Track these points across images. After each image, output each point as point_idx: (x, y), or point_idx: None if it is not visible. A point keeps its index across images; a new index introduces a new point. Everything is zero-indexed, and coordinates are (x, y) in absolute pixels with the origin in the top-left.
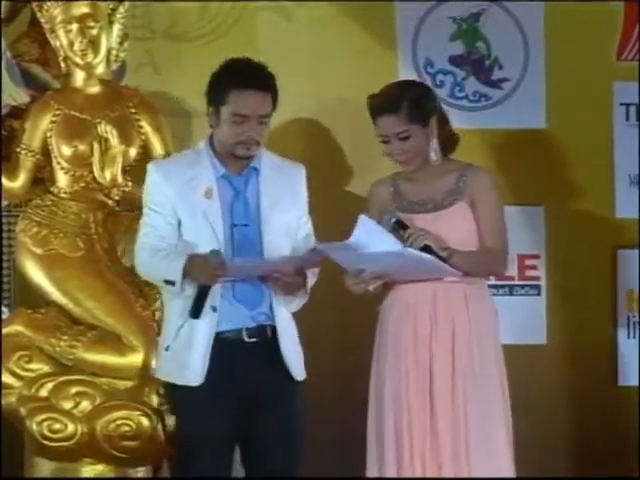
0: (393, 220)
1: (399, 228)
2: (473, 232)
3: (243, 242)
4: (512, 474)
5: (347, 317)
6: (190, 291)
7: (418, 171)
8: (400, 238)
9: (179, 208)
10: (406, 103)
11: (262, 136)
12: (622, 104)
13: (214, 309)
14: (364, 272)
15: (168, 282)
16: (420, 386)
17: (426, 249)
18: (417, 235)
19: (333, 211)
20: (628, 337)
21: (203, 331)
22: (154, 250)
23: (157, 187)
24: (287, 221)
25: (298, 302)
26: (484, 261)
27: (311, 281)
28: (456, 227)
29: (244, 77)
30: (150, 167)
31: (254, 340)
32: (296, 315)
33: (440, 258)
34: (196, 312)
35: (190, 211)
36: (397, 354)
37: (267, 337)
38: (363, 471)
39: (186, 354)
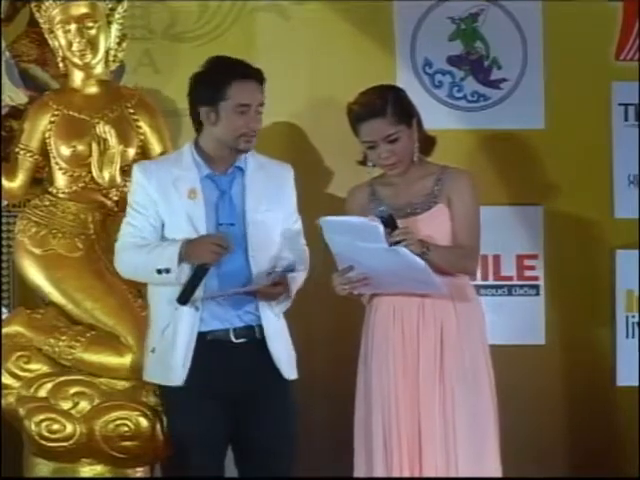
0: (383, 214)
1: (387, 224)
2: (452, 233)
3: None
4: (499, 475)
5: (342, 320)
6: (184, 278)
7: (396, 176)
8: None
9: (162, 209)
10: (391, 106)
11: (259, 126)
12: (621, 104)
13: (196, 308)
14: (352, 272)
15: (160, 271)
16: (408, 388)
17: None
18: (402, 239)
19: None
20: (627, 337)
21: (185, 330)
22: (137, 247)
23: (140, 188)
24: (272, 220)
25: (281, 306)
26: (456, 256)
27: (297, 283)
28: (435, 230)
29: (241, 69)
30: (134, 168)
31: (242, 341)
32: (292, 319)
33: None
34: (186, 297)
35: (173, 212)
36: (385, 358)
37: (255, 337)
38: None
39: (170, 355)
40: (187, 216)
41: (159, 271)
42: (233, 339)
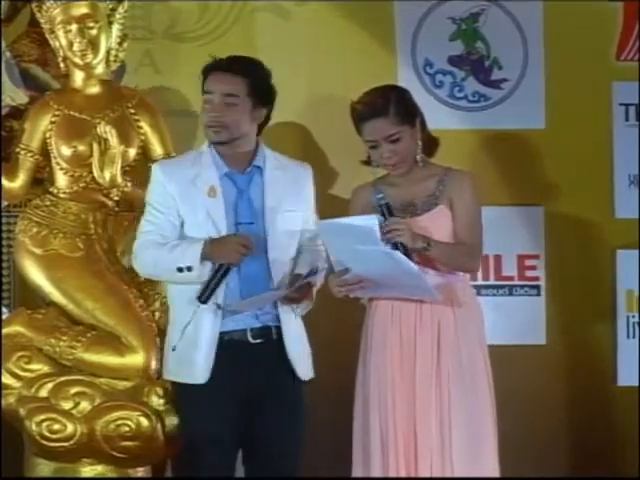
0: (383, 202)
1: (384, 213)
2: (452, 234)
3: None
4: (497, 475)
5: (344, 321)
6: (206, 277)
7: (400, 176)
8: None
9: (182, 207)
10: (393, 105)
11: (229, 118)
12: (621, 104)
13: (218, 307)
14: (348, 274)
15: (182, 270)
16: (405, 389)
17: (404, 249)
18: (393, 229)
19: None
20: (627, 337)
21: (207, 329)
22: (157, 244)
23: (160, 186)
24: (291, 221)
25: (303, 307)
26: (460, 253)
27: (318, 283)
28: (436, 230)
29: (212, 62)
30: (154, 167)
31: (259, 341)
32: None
33: (415, 259)
34: (207, 296)
35: (193, 210)
36: (383, 359)
37: (272, 338)
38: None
39: (192, 353)
40: (207, 214)
41: (180, 269)
42: (250, 340)
